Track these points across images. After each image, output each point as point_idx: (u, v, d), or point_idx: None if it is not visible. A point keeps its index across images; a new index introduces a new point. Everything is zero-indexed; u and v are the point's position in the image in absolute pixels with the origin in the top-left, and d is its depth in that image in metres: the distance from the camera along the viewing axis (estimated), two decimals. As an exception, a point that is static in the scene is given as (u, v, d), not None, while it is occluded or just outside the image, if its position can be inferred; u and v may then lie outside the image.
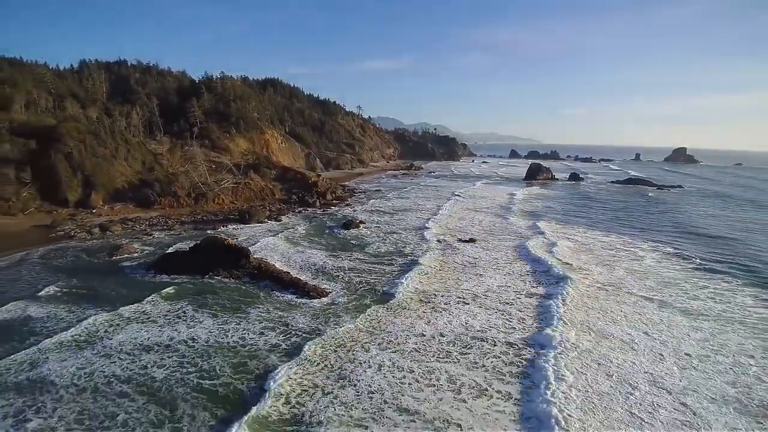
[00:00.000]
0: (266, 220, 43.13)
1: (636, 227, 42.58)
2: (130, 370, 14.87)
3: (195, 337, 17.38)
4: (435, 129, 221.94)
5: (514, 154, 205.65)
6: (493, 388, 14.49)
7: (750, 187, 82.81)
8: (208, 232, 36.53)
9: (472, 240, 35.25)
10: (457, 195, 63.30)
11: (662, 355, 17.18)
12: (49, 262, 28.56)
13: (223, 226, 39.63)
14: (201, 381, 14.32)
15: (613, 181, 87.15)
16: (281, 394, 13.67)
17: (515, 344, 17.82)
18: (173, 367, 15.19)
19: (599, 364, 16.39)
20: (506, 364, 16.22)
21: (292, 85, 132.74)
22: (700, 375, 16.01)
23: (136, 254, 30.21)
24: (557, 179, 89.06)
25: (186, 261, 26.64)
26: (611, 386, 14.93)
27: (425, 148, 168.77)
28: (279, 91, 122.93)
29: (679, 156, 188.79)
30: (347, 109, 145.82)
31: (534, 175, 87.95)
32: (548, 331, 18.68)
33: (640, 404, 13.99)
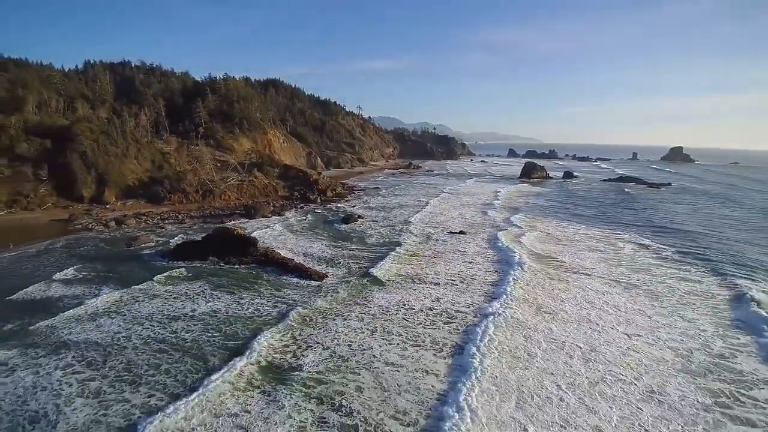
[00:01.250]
0: (270, 215, 45.75)
1: (615, 222, 45.05)
2: (162, 334, 17.61)
3: (215, 310, 20.13)
4: (435, 129, 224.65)
5: (512, 153, 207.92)
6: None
7: (734, 186, 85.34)
8: (217, 225, 39.10)
9: (462, 232, 37.88)
10: (446, 192, 66.04)
11: (615, 326, 19.76)
12: (72, 250, 31.25)
13: (230, 221, 42.20)
14: (226, 342, 17.07)
15: (604, 180, 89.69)
16: (290, 350, 16.37)
17: (473, 314, 20.47)
18: (199, 331, 17.94)
19: (555, 334, 18.97)
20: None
21: (293, 86, 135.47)
22: (648, 341, 18.56)
23: (152, 244, 32.90)
24: (551, 177, 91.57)
25: (199, 249, 29.29)
26: (557, 347, 17.52)
27: (424, 147, 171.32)
28: (280, 91, 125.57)
29: (676, 155, 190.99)
30: (347, 109, 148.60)
31: (528, 173, 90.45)
32: (498, 305, 21.26)
33: (581, 359, 16.61)
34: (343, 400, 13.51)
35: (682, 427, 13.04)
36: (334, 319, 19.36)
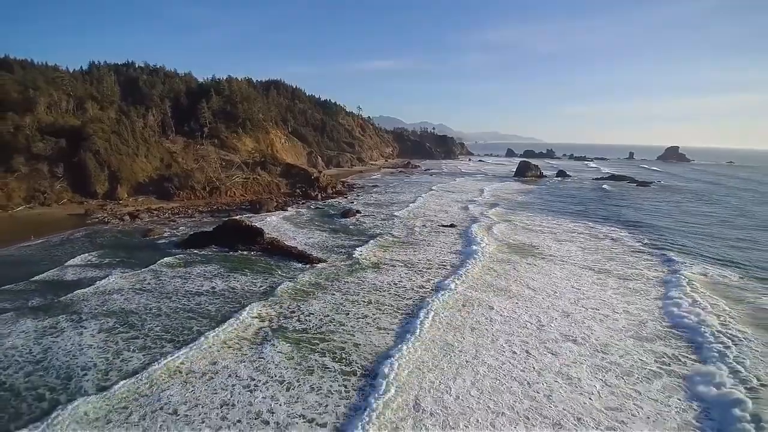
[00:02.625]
0: (274, 210, 48.57)
1: (593, 216, 48.17)
2: (189, 306, 20.66)
3: (233, 287, 23.24)
4: (434, 129, 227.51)
5: (510, 153, 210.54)
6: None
7: (716, 184, 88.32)
8: (224, 219, 41.89)
9: (452, 225, 40.77)
10: (433, 189, 69.05)
11: (578, 297, 22.64)
12: (94, 240, 34.10)
13: (236, 215, 44.86)
14: (244, 310, 19.99)
15: (596, 178, 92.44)
16: (295, 316, 19.38)
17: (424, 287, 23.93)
18: (222, 303, 21.04)
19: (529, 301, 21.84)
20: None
21: (294, 87, 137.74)
22: (607, 311, 21.40)
23: (166, 234, 35.80)
24: (545, 176, 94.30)
25: (211, 238, 32.17)
26: (530, 312, 20.37)
27: (423, 147, 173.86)
28: (282, 92, 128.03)
29: (672, 154, 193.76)
30: (348, 110, 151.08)
31: (523, 172, 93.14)
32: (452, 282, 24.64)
33: (538, 323, 19.50)
34: (343, 354, 16.39)
35: (617, 375, 15.84)
36: (333, 294, 22.38)
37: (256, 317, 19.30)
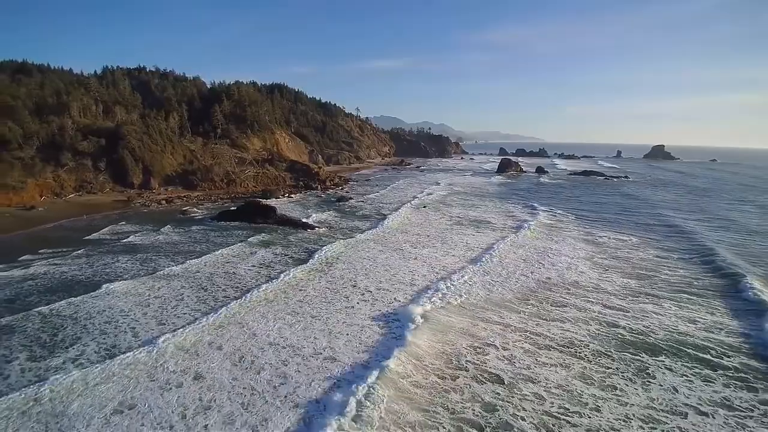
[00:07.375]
0: (281, 197, 58.50)
1: (515, 200, 58.88)
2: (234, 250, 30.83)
3: (259, 240, 33.52)
4: (429, 128, 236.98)
5: (502, 151, 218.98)
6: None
7: (662, 178, 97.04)
8: (244, 202, 51.67)
9: (425, 206, 50.75)
10: (399, 182, 80.00)
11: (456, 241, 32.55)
12: (143, 216, 44.00)
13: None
14: (275, 251, 30.29)
15: (570, 173, 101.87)
16: (305, 252, 29.55)
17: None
18: (259, 248, 31.23)
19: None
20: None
21: (296, 90, 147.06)
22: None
23: (199, 211, 45.82)
24: (524, 172, 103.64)
25: (236, 214, 42.10)
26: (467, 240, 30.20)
27: (419, 146, 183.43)
28: (285, 95, 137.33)
29: (657, 153, 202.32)
30: (347, 111, 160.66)
31: (504, 169, 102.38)
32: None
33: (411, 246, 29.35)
34: (342, 273, 26.33)
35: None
36: (330, 245, 32.59)
37: (282, 254, 29.62)
